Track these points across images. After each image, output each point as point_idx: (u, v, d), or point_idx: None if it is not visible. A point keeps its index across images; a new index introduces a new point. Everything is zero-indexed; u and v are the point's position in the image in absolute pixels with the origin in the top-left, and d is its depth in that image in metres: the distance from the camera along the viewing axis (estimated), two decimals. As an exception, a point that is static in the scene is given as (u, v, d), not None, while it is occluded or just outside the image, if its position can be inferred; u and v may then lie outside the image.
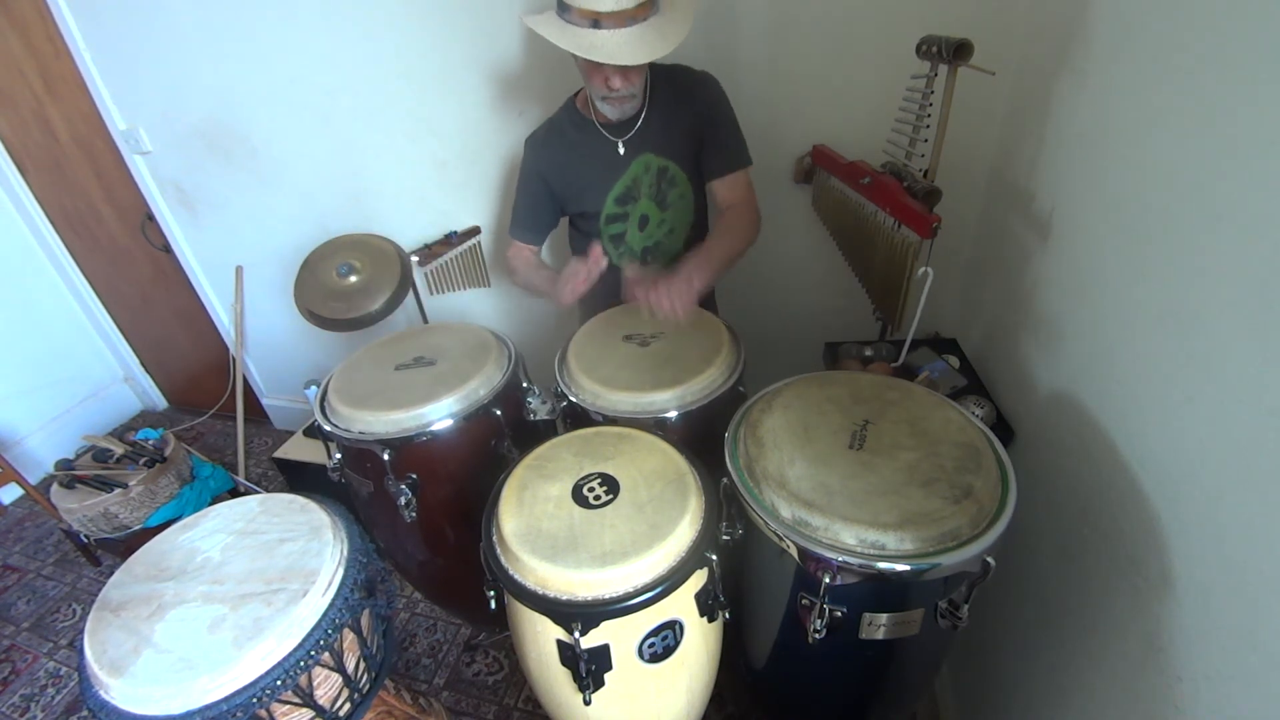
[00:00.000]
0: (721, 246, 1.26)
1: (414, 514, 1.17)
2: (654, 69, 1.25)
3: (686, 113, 1.27)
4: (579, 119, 1.30)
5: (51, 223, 2.52)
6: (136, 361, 2.92)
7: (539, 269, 1.43)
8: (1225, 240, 0.64)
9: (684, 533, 0.84)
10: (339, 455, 1.24)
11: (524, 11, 1.14)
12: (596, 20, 1.07)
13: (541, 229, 1.44)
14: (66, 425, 2.69)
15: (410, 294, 1.78)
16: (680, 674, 0.92)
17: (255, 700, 0.75)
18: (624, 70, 1.13)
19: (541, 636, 0.86)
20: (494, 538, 0.89)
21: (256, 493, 1.34)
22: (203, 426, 2.85)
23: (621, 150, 1.29)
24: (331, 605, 0.84)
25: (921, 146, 1.11)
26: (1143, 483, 0.76)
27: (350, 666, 0.90)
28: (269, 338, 2.46)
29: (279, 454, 2.02)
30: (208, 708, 0.73)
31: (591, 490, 0.92)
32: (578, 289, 1.21)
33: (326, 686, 0.88)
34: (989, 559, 0.75)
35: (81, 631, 0.82)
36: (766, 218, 1.35)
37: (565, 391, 1.16)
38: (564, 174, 1.35)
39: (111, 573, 0.89)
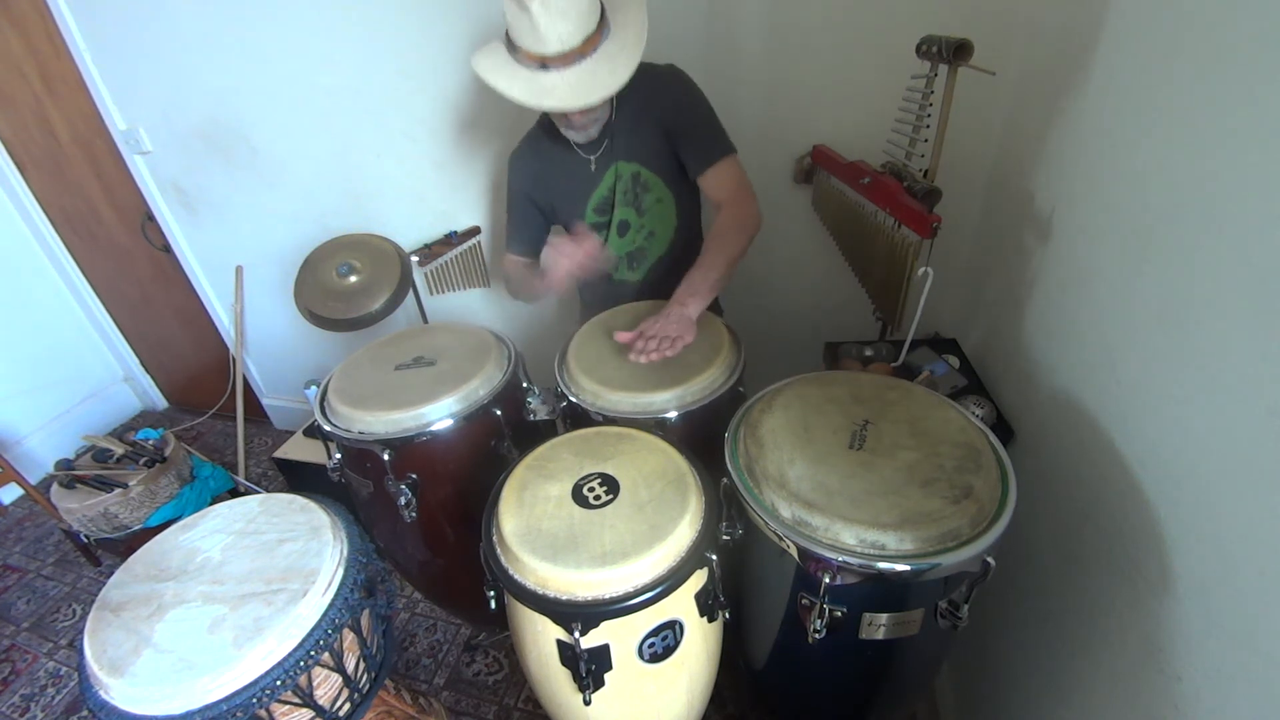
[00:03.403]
0: (712, 263, 1.18)
1: (414, 514, 1.17)
2: None
3: (652, 115, 1.23)
4: (553, 132, 1.27)
5: (51, 223, 2.52)
6: (136, 361, 2.92)
7: (530, 268, 1.44)
8: (1225, 240, 0.64)
9: (684, 533, 0.84)
10: (339, 455, 1.24)
11: (475, 52, 1.08)
12: (544, 62, 1.02)
13: (534, 243, 1.44)
14: (66, 425, 2.69)
15: (410, 294, 1.78)
16: (680, 674, 0.92)
17: (255, 700, 0.75)
18: None
19: (541, 636, 0.86)
20: (494, 538, 0.89)
21: (256, 493, 1.34)
22: (203, 426, 2.85)
23: (593, 166, 1.28)
24: (331, 605, 0.84)
25: (921, 146, 1.11)
26: (1143, 483, 0.76)
27: (350, 666, 0.90)
28: (269, 338, 2.46)
29: (279, 454, 2.02)
30: (208, 708, 0.73)
31: (591, 490, 0.92)
32: (566, 271, 1.20)
33: (326, 686, 0.88)
34: (989, 559, 0.75)
35: (81, 631, 0.82)
36: (767, 218, 1.34)
37: (565, 391, 1.16)
38: (544, 189, 1.35)
39: (111, 573, 0.89)
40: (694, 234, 1.43)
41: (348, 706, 0.91)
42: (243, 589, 0.84)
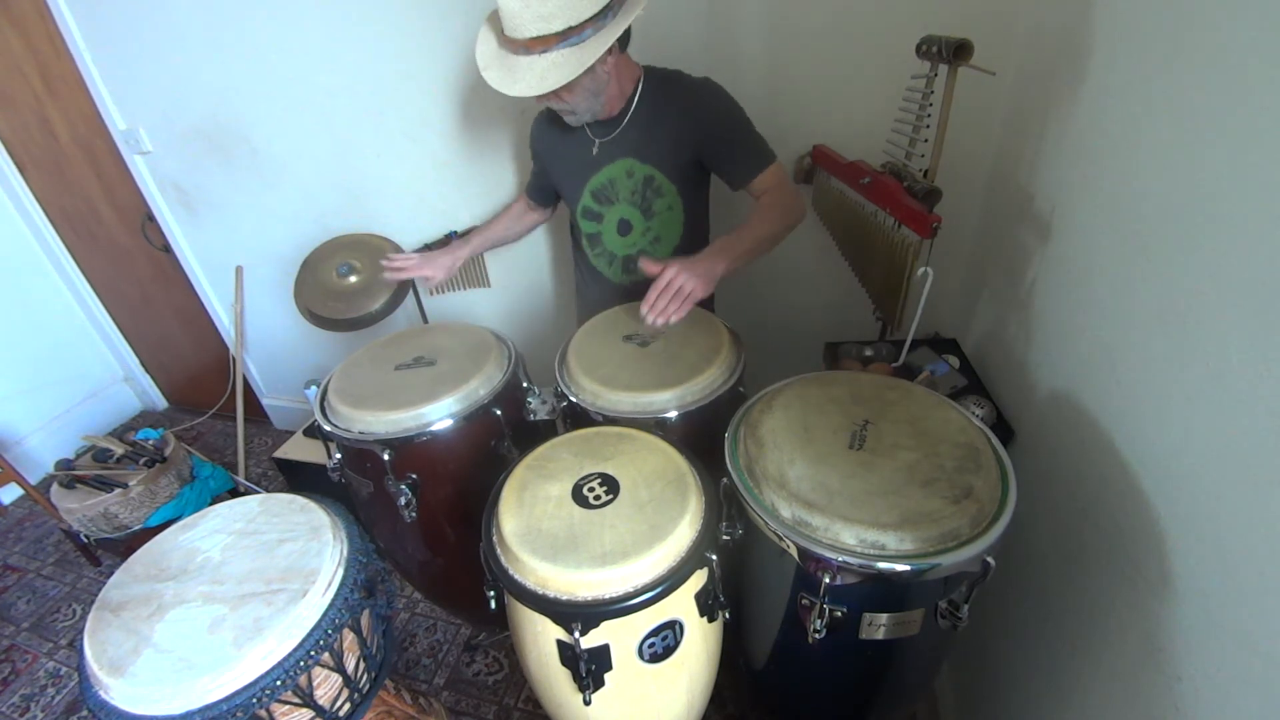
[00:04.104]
0: (755, 229, 1.17)
1: (414, 514, 1.17)
2: (647, 75, 1.22)
3: (675, 122, 1.23)
4: None
5: (51, 223, 2.52)
6: (136, 361, 2.92)
7: (488, 226, 1.60)
8: (1225, 240, 0.64)
9: (684, 533, 0.84)
10: (339, 455, 1.24)
11: (489, 13, 1.12)
12: (502, 41, 1.06)
13: (542, 195, 1.52)
14: (66, 425, 2.69)
15: (410, 294, 1.78)
16: (680, 674, 0.92)
17: (255, 700, 0.75)
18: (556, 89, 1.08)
19: (541, 636, 0.86)
20: (494, 538, 0.89)
21: (256, 493, 1.34)
22: (203, 426, 2.85)
23: (595, 150, 1.28)
24: (331, 605, 0.84)
25: (921, 146, 1.11)
26: (1143, 483, 0.76)
27: (350, 666, 0.90)
28: (269, 338, 2.46)
29: (279, 454, 2.02)
30: (208, 708, 0.73)
31: (591, 490, 0.92)
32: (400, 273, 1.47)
33: (326, 686, 0.88)
34: (989, 559, 0.75)
35: (81, 631, 0.82)
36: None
37: (565, 391, 1.16)
38: (549, 159, 1.39)
39: (111, 573, 0.89)
40: (698, 247, 1.42)
41: (348, 706, 0.91)
42: (243, 589, 0.84)
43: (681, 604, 0.86)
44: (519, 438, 1.22)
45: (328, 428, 1.16)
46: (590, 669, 0.83)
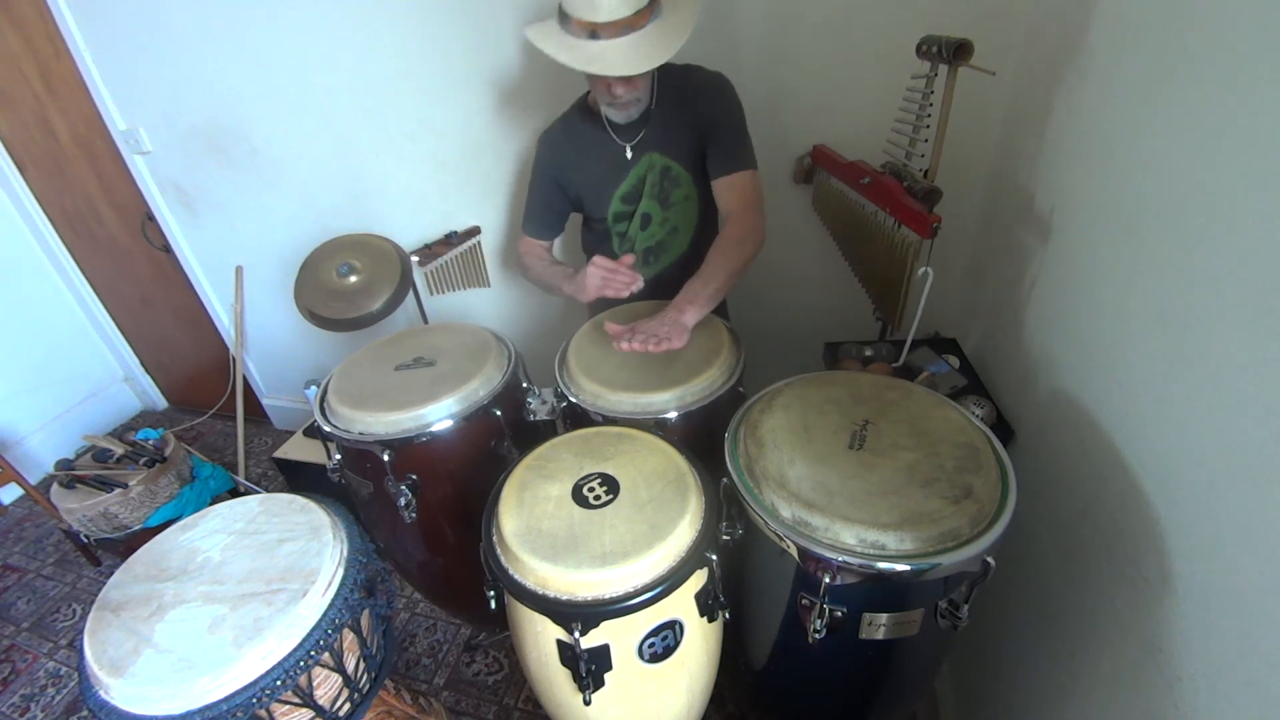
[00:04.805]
0: (713, 273, 1.19)
1: (414, 514, 1.17)
2: (664, 68, 1.23)
3: (691, 113, 1.25)
4: (590, 118, 1.30)
5: (51, 223, 2.52)
6: (136, 361, 2.92)
7: (552, 265, 1.42)
8: (1225, 240, 0.64)
9: (684, 533, 0.84)
10: (339, 456, 1.24)
11: (527, 22, 1.14)
12: (594, 31, 1.06)
13: (554, 226, 1.45)
14: (66, 425, 2.69)
15: (410, 294, 1.78)
16: (680, 674, 0.92)
17: (255, 700, 0.75)
18: (626, 77, 1.12)
19: (541, 636, 0.86)
20: (494, 538, 0.89)
21: (256, 493, 1.34)
22: (203, 426, 2.85)
23: (629, 154, 1.29)
24: (331, 605, 0.84)
25: (921, 146, 1.11)
26: (1143, 483, 0.76)
27: (350, 666, 0.90)
28: (269, 338, 2.46)
29: (279, 454, 2.02)
30: (208, 708, 0.73)
31: (591, 490, 0.92)
32: (598, 290, 1.21)
33: (326, 686, 0.88)
34: (989, 559, 0.75)
35: (81, 631, 0.82)
36: (768, 218, 1.34)
37: (565, 392, 1.16)
38: (574, 174, 1.36)
39: (111, 573, 0.89)
40: (713, 236, 1.43)
41: (348, 706, 0.91)
42: (243, 589, 0.84)
43: (681, 604, 0.86)
44: (519, 438, 1.22)
45: (327, 428, 1.16)
46: (590, 669, 0.83)
